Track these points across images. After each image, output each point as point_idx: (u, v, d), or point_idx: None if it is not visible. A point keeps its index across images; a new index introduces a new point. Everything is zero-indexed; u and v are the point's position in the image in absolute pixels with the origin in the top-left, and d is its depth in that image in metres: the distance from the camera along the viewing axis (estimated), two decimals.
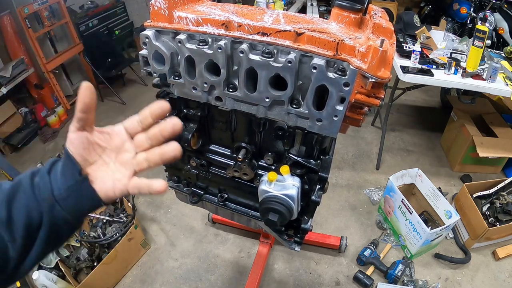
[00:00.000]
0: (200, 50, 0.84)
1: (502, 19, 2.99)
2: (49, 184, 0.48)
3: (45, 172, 0.49)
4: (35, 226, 0.47)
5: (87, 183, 0.50)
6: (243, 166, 1.06)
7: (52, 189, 0.48)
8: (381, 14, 0.85)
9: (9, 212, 0.47)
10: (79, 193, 0.49)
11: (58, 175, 0.49)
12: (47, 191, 0.48)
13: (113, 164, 0.52)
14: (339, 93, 0.78)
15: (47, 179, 0.49)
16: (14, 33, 3.29)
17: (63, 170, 0.49)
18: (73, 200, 0.49)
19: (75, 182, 0.49)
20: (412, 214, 2.00)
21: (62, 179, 0.48)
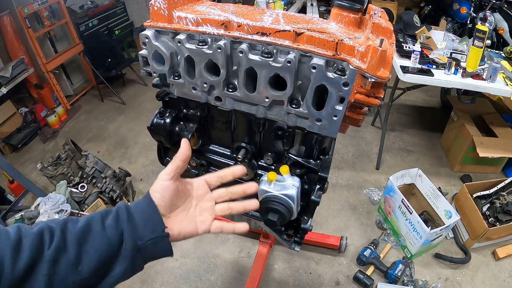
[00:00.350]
0: (199, 50, 0.84)
1: (502, 19, 2.99)
2: (132, 233, 0.52)
3: (125, 218, 0.53)
4: (104, 270, 0.51)
5: (168, 239, 0.55)
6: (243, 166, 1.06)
7: (136, 239, 0.52)
8: (380, 14, 0.85)
9: (79, 255, 0.49)
10: (159, 246, 0.55)
11: (141, 224, 0.53)
12: (131, 241, 0.52)
13: (194, 209, 0.61)
14: (338, 93, 0.78)
15: (130, 228, 0.52)
16: (14, 33, 3.29)
17: (147, 221, 0.54)
18: (151, 252, 0.55)
19: (158, 236, 0.54)
20: (412, 214, 2.00)
21: (145, 230, 0.53)
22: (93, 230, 0.51)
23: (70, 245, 0.49)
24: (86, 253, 0.49)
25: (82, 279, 0.48)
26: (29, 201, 2.45)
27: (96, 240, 0.50)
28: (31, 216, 1.98)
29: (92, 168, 2.42)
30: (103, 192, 2.39)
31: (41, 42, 3.46)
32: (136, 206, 0.55)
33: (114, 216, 0.53)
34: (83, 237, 0.50)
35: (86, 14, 4.07)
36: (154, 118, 1.02)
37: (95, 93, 4.08)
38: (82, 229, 0.51)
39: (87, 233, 0.50)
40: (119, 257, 0.52)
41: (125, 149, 3.15)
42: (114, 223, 0.52)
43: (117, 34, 4.48)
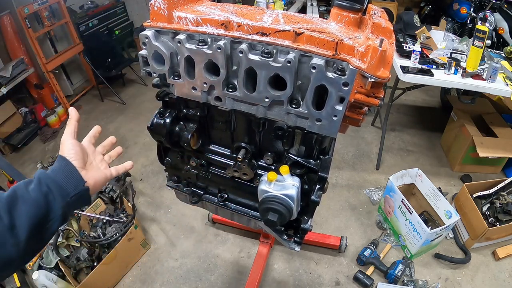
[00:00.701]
0: (199, 50, 0.84)
1: (502, 19, 2.99)
2: (59, 192, 0.60)
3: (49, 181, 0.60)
4: (38, 229, 0.57)
5: (88, 191, 0.65)
6: (243, 166, 1.06)
7: (63, 197, 0.60)
8: (380, 14, 0.85)
9: (12, 219, 0.54)
10: (82, 199, 0.65)
11: (64, 183, 0.61)
12: (60, 199, 0.60)
13: (95, 162, 0.73)
14: (338, 93, 0.78)
15: (56, 188, 0.60)
16: (14, 33, 3.29)
17: (68, 178, 0.62)
18: (75, 205, 0.64)
19: (81, 191, 0.63)
20: (412, 214, 2.00)
21: (69, 187, 0.61)
22: (19, 196, 0.56)
23: (2, 212, 0.54)
24: (19, 217, 0.54)
25: (20, 241, 0.54)
26: None
27: (24, 204, 0.56)
28: None
29: None
30: (103, 192, 2.39)
31: (41, 42, 3.46)
32: (54, 169, 0.62)
33: (36, 182, 0.59)
34: (12, 204, 0.55)
35: (86, 14, 4.07)
36: (154, 118, 1.02)
37: (95, 93, 4.08)
38: (9, 198, 0.56)
39: (15, 200, 0.56)
40: (50, 216, 0.58)
41: (125, 149, 3.15)
42: (37, 187, 0.58)
43: (117, 34, 4.48)
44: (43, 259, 1.96)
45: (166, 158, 1.23)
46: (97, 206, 2.26)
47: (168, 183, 1.33)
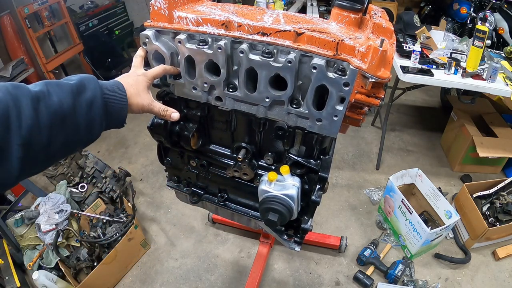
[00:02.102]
0: (200, 50, 0.84)
1: (502, 19, 2.99)
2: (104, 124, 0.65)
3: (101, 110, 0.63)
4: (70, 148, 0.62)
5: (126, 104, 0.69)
6: (243, 166, 1.06)
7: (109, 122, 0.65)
8: (381, 14, 0.85)
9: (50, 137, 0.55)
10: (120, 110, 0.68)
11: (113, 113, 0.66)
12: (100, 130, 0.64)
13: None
14: (339, 93, 0.78)
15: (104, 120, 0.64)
16: (14, 33, 3.29)
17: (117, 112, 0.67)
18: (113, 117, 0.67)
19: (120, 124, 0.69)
20: (412, 214, 2.00)
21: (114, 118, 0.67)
22: (66, 116, 0.55)
23: (43, 128, 0.52)
24: (56, 136, 0.54)
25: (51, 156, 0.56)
26: (29, 201, 2.45)
27: (67, 127, 0.56)
28: (31, 216, 1.98)
29: (92, 168, 2.42)
30: (103, 192, 2.39)
31: (41, 42, 3.46)
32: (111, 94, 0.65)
33: (88, 104, 0.59)
34: (56, 122, 0.54)
35: (86, 14, 4.06)
36: (154, 118, 1.02)
37: None
38: (55, 113, 0.54)
39: (60, 119, 0.55)
40: (86, 143, 0.62)
41: (125, 149, 3.15)
42: (86, 112, 0.58)
43: (117, 34, 4.47)
44: (43, 259, 1.96)
45: (166, 158, 1.23)
46: (97, 206, 2.25)
47: (168, 183, 1.33)
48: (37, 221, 1.93)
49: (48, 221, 1.92)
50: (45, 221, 1.91)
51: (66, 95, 0.56)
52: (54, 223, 1.92)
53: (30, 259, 1.97)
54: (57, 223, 1.93)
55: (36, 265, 1.97)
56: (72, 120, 0.56)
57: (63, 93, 0.56)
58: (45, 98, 0.53)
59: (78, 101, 0.57)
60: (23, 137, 0.49)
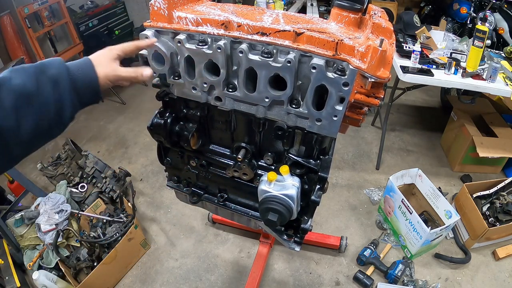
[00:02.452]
0: (199, 50, 0.84)
1: (502, 19, 2.99)
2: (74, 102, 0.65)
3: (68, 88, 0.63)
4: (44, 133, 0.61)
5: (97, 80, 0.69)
6: (243, 166, 1.06)
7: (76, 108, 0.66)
8: (380, 14, 0.85)
9: (18, 119, 0.55)
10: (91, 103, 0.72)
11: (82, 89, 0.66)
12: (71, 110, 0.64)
13: None
14: (338, 93, 0.78)
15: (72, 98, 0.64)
16: (14, 33, 3.29)
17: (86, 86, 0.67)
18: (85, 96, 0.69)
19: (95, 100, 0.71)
20: (412, 214, 2.00)
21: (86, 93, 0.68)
22: (31, 95, 0.55)
23: (8, 110, 0.53)
24: (24, 118, 0.55)
25: (25, 142, 0.56)
26: (29, 201, 2.45)
27: (35, 107, 0.56)
28: (31, 216, 1.98)
29: (92, 168, 2.42)
30: (103, 192, 2.39)
31: (41, 42, 3.46)
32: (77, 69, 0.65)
33: (53, 80, 0.58)
34: (20, 103, 0.54)
35: (86, 14, 4.07)
36: (154, 118, 1.02)
37: None
38: (20, 94, 0.54)
39: (26, 99, 0.55)
40: (60, 126, 0.63)
41: (125, 149, 3.15)
42: (53, 89, 0.58)
43: (117, 34, 4.47)
44: (43, 259, 1.97)
45: (166, 158, 1.23)
46: (97, 206, 2.26)
47: (168, 183, 1.33)
48: (37, 221, 1.93)
49: (48, 221, 1.92)
50: (45, 221, 1.91)
51: (29, 76, 0.56)
52: (54, 223, 1.92)
53: (30, 259, 1.97)
54: (57, 223, 1.93)
55: (36, 265, 1.97)
56: (39, 99, 0.56)
57: (26, 74, 0.56)
58: (5, 83, 0.54)
59: (41, 80, 0.57)
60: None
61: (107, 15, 4.29)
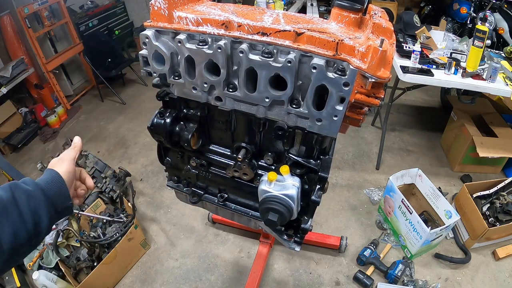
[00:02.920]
0: (200, 50, 0.84)
1: (502, 19, 2.99)
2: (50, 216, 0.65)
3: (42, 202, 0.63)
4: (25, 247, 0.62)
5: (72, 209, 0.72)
6: (243, 166, 1.06)
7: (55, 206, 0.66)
8: (380, 14, 0.85)
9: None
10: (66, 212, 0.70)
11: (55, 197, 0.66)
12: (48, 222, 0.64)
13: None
14: (339, 93, 0.78)
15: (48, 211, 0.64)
16: (14, 33, 3.29)
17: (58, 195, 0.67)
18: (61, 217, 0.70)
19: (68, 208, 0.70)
20: (412, 214, 2.00)
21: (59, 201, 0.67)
22: (6, 205, 0.58)
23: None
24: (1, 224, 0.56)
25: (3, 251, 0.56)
26: None
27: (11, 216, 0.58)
28: None
29: (92, 168, 2.42)
30: (103, 192, 2.38)
31: (41, 42, 3.46)
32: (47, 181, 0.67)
33: (27, 193, 0.62)
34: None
35: (86, 14, 4.07)
36: (154, 118, 1.02)
37: (95, 93, 4.08)
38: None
39: (2, 209, 0.57)
40: (39, 235, 0.63)
41: (125, 149, 3.15)
42: (27, 200, 0.61)
43: (117, 34, 4.48)
44: (43, 259, 1.96)
45: (166, 158, 1.23)
46: (97, 206, 2.25)
47: (168, 183, 1.32)
48: None
49: None
50: None
51: (4, 189, 0.60)
52: None
53: (30, 259, 1.97)
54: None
55: (36, 265, 1.97)
56: (15, 209, 0.59)
57: (1, 188, 0.61)
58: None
59: (16, 193, 0.60)
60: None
61: (107, 15, 4.30)
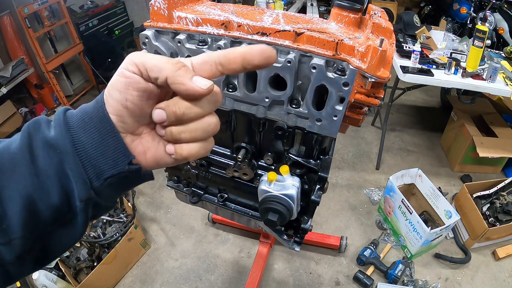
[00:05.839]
0: (199, 50, 0.84)
1: (502, 19, 2.99)
2: (83, 172, 0.34)
3: (70, 148, 0.34)
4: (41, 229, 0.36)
5: (139, 170, 0.37)
6: (243, 166, 1.06)
7: (91, 181, 0.35)
8: (380, 14, 0.85)
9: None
10: (127, 180, 0.37)
11: (94, 158, 0.35)
12: (84, 187, 0.34)
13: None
14: (338, 93, 0.78)
15: (79, 166, 0.34)
16: (14, 33, 3.29)
17: (104, 153, 0.35)
18: (116, 189, 0.37)
19: (124, 170, 0.36)
20: (412, 214, 2.00)
21: (104, 165, 0.35)
22: (17, 160, 0.34)
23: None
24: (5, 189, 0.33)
25: (13, 238, 0.34)
26: None
27: (21, 176, 0.34)
28: None
29: None
30: None
31: (41, 42, 3.46)
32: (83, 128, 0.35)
33: (47, 153, 0.34)
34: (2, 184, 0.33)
35: (86, 14, 4.07)
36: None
37: (95, 93, 4.07)
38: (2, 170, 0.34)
39: (9, 165, 0.34)
40: (67, 216, 0.36)
41: None
42: (53, 171, 0.34)
43: (117, 34, 4.47)
44: None
45: None
46: None
47: (168, 183, 1.32)
48: None
49: None
50: None
51: (21, 136, 0.36)
52: None
53: None
54: None
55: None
56: (28, 168, 0.34)
57: (18, 136, 0.36)
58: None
59: (34, 142, 0.34)
60: None
61: (107, 15, 4.29)
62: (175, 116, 0.35)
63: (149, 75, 0.33)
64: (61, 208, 0.35)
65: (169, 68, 0.33)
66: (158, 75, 0.33)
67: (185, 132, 0.36)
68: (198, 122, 0.37)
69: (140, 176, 0.38)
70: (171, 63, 0.33)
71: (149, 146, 0.38)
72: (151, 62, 0.33)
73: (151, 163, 0.38)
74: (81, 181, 0.34)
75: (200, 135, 0.37)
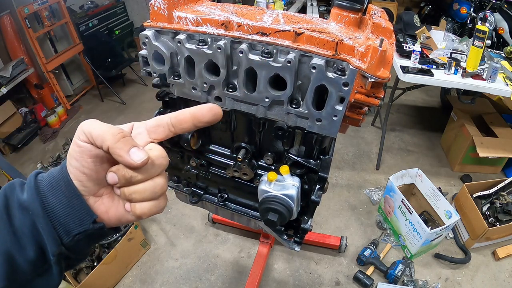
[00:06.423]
0: (199, 50, 0.84)
1: (502, 19, 2.99)
2: (53, 231, 0.38)
3: (40, 211, 0.38)
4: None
5: (104, 227, 0.41)
6: (243, 166, 1.06)
7: (61, 238, 0.38)
8: (380, 14, 0.84)
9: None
10: (93, 236, 0.41)
11: (63, 218, 0.38)
12: (55, 243, 0.38)
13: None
14: (338, 93, 0.78)
15: (49, 225, 0.38)
16: (14, 33, 3.29)
17: (71, 214, 0.39)
18: (84, 244, 0.41)
19: (89, 228, 0.40)
20: (412, 214, 2.00)
21: (72, 224, 0.39)
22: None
23: None
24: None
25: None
26: None
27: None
28: None
29: None
30: None
31: (41, 42, 3.47)
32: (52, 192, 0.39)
33: (22, 213, 0.38)
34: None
35: (86, 14, 4.07)
36: None
37: (95, 93, 4.08)
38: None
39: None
40: (43, 267, 0.39)
41: None
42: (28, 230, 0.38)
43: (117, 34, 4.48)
44: None
45: None
46: None
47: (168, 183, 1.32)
48: None
49: None
50: None
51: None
52: None
53: None
54: None
55: None
56: (6, 227, 0.38)
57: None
58: None
59: (10, 201, 0.39)
60: None
61: (107, 15, 4.30)
62: (125, 179, 0.38)
63: (96, 144, 0.37)
64: (36, 261, 0.39)
65: (109, 139, 0.37)
66: (101, 144, 0.37)
67: (135, 193, 0.39)
68: (147, 183, 0.40)
69: (104, 232, 0.42)
70: (111, 133, 0.37)
71: (109, 206, 0.42)
72: (95, 132, 0.37)
73: (113, 220, 0.42)
74: (52, 239, 0.38)
75: (149, 196, 0.40)
